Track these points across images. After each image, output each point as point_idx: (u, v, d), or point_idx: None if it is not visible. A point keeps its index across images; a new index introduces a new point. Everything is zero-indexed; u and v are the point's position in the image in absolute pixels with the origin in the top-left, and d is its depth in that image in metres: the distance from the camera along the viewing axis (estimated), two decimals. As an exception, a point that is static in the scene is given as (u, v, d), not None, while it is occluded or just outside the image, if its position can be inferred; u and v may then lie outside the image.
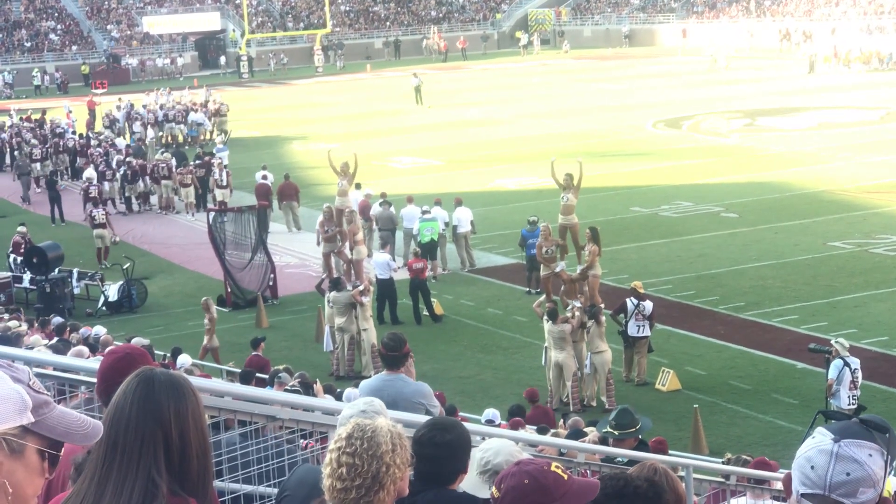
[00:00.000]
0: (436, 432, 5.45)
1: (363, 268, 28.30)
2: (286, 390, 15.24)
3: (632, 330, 23.47)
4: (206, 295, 31.44)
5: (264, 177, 40.76)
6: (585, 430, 15.88)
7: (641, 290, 24.06)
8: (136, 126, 58.07)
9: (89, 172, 43.20)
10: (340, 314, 25.01)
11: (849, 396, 19.37)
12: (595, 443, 13.49)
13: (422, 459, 5.24)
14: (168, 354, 21.15)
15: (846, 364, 19.36)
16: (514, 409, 19.00)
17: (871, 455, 3.40)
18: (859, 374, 19.45)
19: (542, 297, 25.02)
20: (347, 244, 29.16)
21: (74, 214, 41.46)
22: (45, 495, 4.72)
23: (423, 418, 8.14)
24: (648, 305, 23.70)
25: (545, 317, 22.59)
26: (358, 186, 34.63)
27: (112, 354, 5.84)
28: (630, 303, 23.53)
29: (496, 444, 6.01)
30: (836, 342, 19.74)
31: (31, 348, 14.49)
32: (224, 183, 40.69)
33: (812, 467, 3.44)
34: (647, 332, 23.64)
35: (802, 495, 3.47)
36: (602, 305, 23.35)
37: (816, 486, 3.43)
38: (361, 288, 25.17)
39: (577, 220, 26.90)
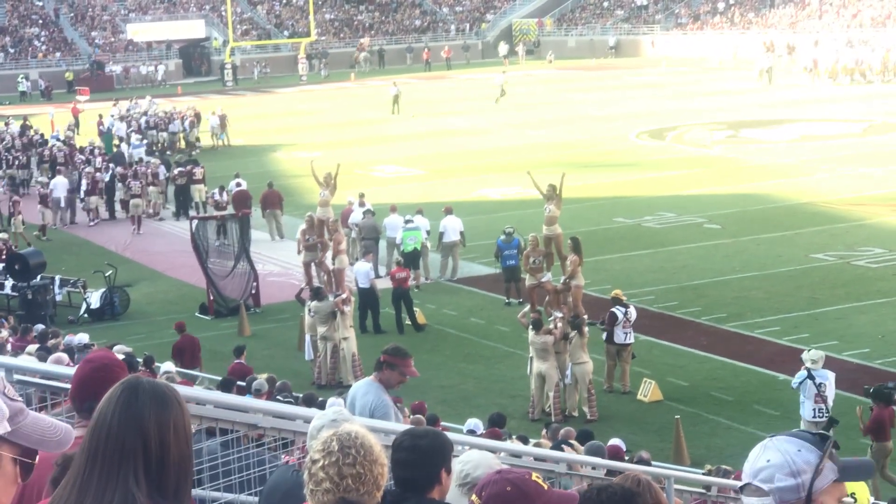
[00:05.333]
0: (410, 437, 5.47)
1: (345, 277, 28.28)
2: (278, 400, 15.24)
3: (619, 337, 23.51)
4: (188, 303, 31.45)
5: (238, 184, 40.63)
6: (572, 441, 15.89)
7: (624, 298, 24.16)
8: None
9: (59, 179, 43.35)
10: (322, 323, 24.99)
11: (814, 409, 19.35)
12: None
13: (397, 465, 5.26)
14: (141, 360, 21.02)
15: (810, 376, 19.36)
16: (494, 417, 18.97)
17: (799, 450, 3.50)
18: (826, 388, 19.33)
19: (527, 308, 25.04)
20: (329, 254, 29.15)
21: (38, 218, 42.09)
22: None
23: (399, 426, 8.16)
24: (633, 312, 23.83)
25: (529, 327, 22.63)
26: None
27: (88, 363, 5.83)
28: (619, 312, 23.58)
29: (476, 457, 6.01)
30: (804, 356, 19.81)
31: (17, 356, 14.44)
32: (225, 203, 39.18)
33: (747, 461, 3.62)
34: (632, 339, 23.77)
35: (738, 489, 3.63)
36: (585, 316, 23.37)
37: (747, 476, 3.59)
38: (344, 297, 25.17)
39: (561, 230, 26.94)
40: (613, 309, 23.70)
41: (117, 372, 5.55)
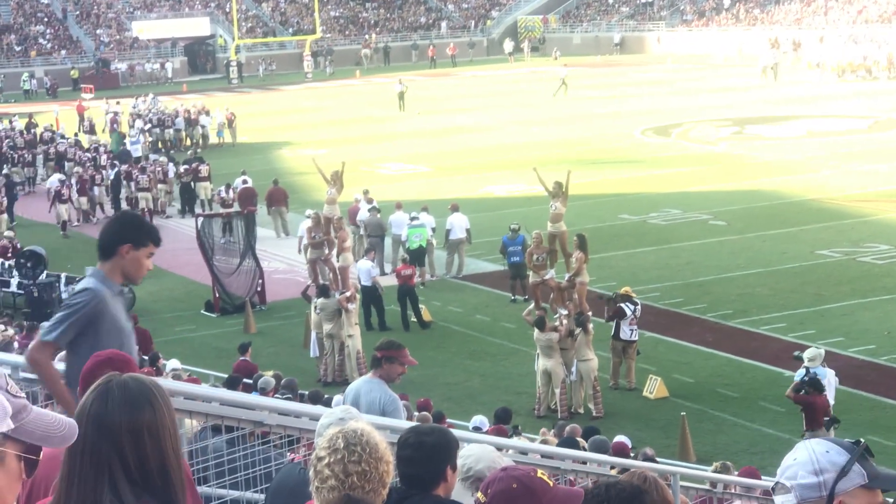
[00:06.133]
0: (416, 434, 5.48)
1: (349, 274, 28.28)
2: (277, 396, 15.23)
3: (625, 333, 23.49)
4: (193, 300, 31.48)
5: (244, 181, 40.64)
6: (578, 439, 15.89)
7: (633, 296, 24.05)
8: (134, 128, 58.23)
9: (59, 176, 43.50)
10: (328, 320, 25.00)
11: None
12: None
13: (402, 462, 5.27)
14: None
15: (807, 374, 19.41)
16: (500, 412, 18.97)
17: (827, 451, 3.50)
18: (827, 387, 19.31)
19: (532, 306, 25.02)
20: (334, 252, 29.14)
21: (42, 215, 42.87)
22: (27, 500, 4.70)
23: (405, 423, 8.17)
24: (639, 309, 23.81)
25: (534, 325, 22.64)
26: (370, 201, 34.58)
27: (95, 358, 5.85)
28: (627, 308, 23.52)
29: (477, 451, 6.01)
30: (803, 354, 19.81)
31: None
32: (231, 200, 39.17)
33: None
34: (637, 336, 23.74)
35: (771, 489, 3.64)
36: (590, 313, 23.34)
37: (777, 475, 3.60)
38: (348, 294, 25.17)
39: (566, 227, 26.91)
40: (622, 304, 23.64)
41: (120, 366, 5.55)
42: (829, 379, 19.46)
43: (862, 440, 3.58)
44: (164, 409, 3.43)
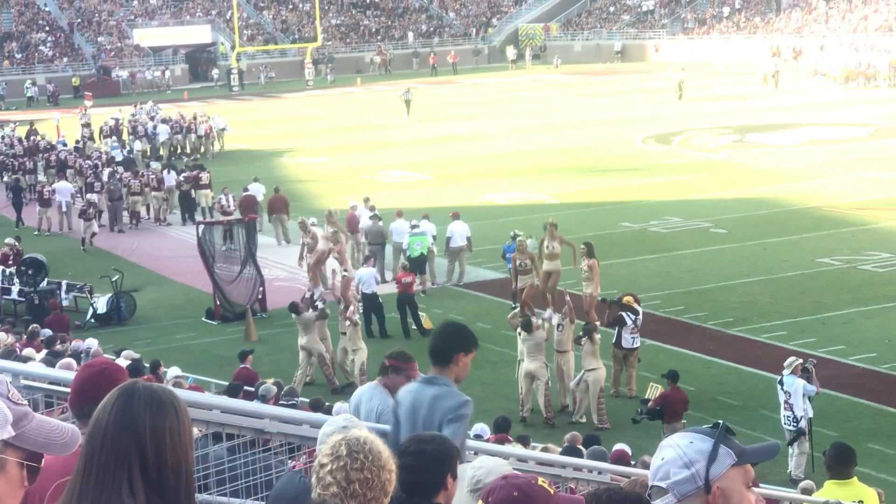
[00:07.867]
0: (416, 442, 5.48)
1: (350, 288, 28.23)
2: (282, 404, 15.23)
3: (626, 342, 23.48)
4: (194, 308, 31.47)
5: (245, 189, 40.57)
6: (579, 447, 15.89)
7: (636, 305, 23.98)
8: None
9: (62, 184, 43.52)
10: (303, 333, 24.77)
11: (784, 416, 19.29)
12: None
13: (403, 469, 5.28)
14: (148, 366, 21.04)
15: (780, 381, 19.37)
16: (500, 421, 18.95)
17: (691, 442, 3.52)
18: (792, 396, 19.18)
19: (517, 309, 24.99)
20: (334, 263, 29.20)
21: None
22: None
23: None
24: (640, 318, 23.78)
25: (518, 328, 22.67)
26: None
27: (88, 368, 5.84)
28: (628, 318, 23.49)
29: (489, 463, 6.00)
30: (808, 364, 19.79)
31: (25, 361, 14.46)
32: (231, 209, 39.16)
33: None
34: (638, 344, 23.74)
35: (648, 495, 3.65)
36: (598, 323, 23.32)
37: (650, 479, 3.60)
38: (351, 309, 25.11)
39: (561, 267, 27.03)
40: (623, 313, 23.60)
41: (116, 376, 5.54)
42: (797, 388, 19.22)
43: (721, 421, 3.60)
44: (185, 416, 3.48)
